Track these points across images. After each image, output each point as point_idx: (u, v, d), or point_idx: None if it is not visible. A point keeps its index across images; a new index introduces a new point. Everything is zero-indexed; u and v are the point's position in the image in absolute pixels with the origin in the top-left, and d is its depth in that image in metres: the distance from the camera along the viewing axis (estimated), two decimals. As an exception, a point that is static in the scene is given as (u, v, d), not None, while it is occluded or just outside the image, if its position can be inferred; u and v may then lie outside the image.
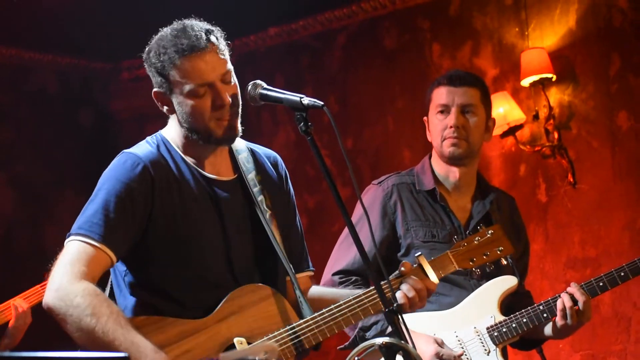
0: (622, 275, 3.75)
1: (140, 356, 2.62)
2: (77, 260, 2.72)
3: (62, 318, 2.68)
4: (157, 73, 2.87)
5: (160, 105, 2.93)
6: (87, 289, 2.68)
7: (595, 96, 5.91)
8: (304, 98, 2.72)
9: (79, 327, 2.65)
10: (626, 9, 5.83)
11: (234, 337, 2.80)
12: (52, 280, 2.71)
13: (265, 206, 3.00)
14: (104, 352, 2.60)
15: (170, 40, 2.84)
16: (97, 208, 2.78)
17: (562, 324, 3.66)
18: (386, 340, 2.58)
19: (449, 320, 3.71)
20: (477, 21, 6.34)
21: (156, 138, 2.97)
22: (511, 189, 6.10)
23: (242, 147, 3.08)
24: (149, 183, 2.83)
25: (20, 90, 6.99)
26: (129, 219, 2.79)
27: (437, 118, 3.85)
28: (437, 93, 3.87)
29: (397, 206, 3.84)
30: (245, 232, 2.96)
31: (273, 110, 6.83)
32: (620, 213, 5.77)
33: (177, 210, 2.85)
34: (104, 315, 2.65)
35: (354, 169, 2.78)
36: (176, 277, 2.85)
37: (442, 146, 3.84)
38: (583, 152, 5.92)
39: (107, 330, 2.63)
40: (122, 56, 7.18)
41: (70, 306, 2.66)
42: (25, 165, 6.90)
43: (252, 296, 2.87)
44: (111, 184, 2.82)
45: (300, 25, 6.95)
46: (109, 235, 2.75)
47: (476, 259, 3.15)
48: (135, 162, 2.84)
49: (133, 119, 7.19)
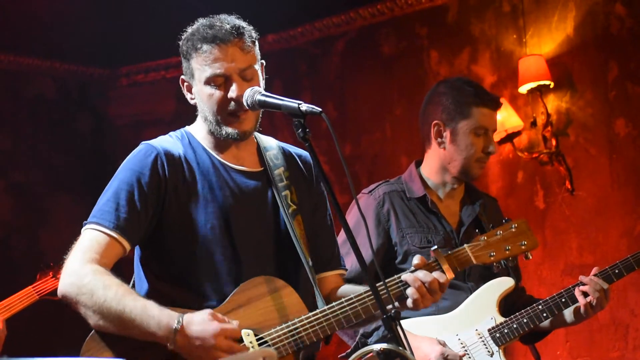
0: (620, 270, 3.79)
1: (149, 319, 2.65)
2: (89, 248, 2.77)
3: (76, 301, 2.72)
4: (184, 58, 2.95)
5: (185, 92, 2.99)
6: (98, 269, 2.72)
7: (593, 103, 5.91)
8: (302, 104, 2.73)
9: (91, 304, 2.68)
10: (624, 16, 5.84)
11: (242, 329, 2.79)
12: (65, 268, 2.76)
13: (289, 201, 3.02)
14: (105, 359, 2.63)
15: (199, 29, 2.91)
16: (110, 197, 2.83)
17: (587, 314, 3.75)
18: (384, 347, 2.58)
19: (450, 324, 3.72)
20: (475, 28, 6.35)
21: (180, 131, 3.04)
22: (509, 196, 6.11)
23: (271, 145, 3.13)
24: (161, 171, 2.86)
25: (18, 97, 6.99)
26: (140, 207, 2.82)
27: (472, 137, 3.85)
28: (481, 114, 3.85)
29: (390, 214, 3.85)
30: (266, 222, 2.98)
31: (271, 115, 6.81)
32: (618, 220, 5.77)
33: (190, 199, 2.88)
34: (113, 287, 2.69)
35: (351, 175, 2.78)
36: (189, 265, 2.86)
37: (471, 167, 3.86)
38: (581, 159, 5.93)
39: (117, 300, 2.67)
40: (120, 62, 7.17)
41: (81, 286, 2.70)
42: (22, 171, 6.89)
43: (262, 288, 2.87)
44: (124, 173, 2.87)
45: (298, 32, 6.96)
46: (120, 223, 2.79)
47: (496, 253, 3.07)
48: (148, 151, 2.89)
49: (131, 125, 7.19)
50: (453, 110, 3.86)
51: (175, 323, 2.65)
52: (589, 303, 3.72)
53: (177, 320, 2.65)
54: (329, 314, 2.86)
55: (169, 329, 2.65)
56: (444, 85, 3.96)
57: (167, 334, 2.65)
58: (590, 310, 3.73)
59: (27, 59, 6.97)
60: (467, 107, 3.84)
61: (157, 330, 2.66)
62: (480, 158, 3.86)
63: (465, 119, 3.84)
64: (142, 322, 2.66)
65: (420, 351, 3.53)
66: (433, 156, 3.94)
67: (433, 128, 3.90)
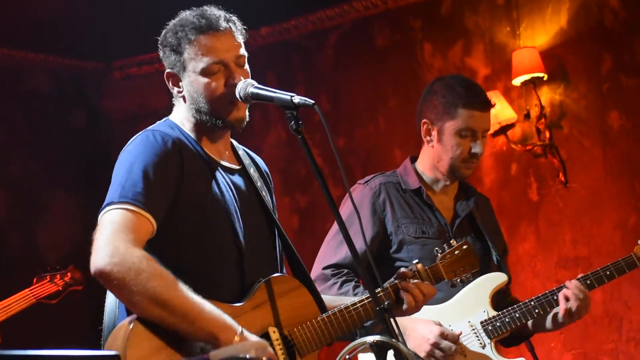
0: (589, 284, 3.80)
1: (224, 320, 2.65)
2: (126, 227, 2.67)
3: (121, 283, 2.60)
4: (171, 51, 2.91)
5: (171, 86, 2.97)
6: (146, 255, 2.64)
7: (587, 95, 5.92)
8: (295, 96, 2.73)
9: (144, 290, 2.59)
10: (617, 8, 5.84)
11: (269, 326, 2.82)
12: (104, 246, 2.63)
13: (266, 201, 3.04)
14: (100, 351, 2.59)
15: (188, 20, 2.90)
16: (138, 178, 2.74)
17: (564, 321, 3.75)
18: (377, 339, 2.58)
19: (443, 314, 3.74)
20: (468, 20, 6.35)
21: (166, 122, 2.99)
22: (502, 188, 6.12)
23: (237, 145, 3.13)
24: (179, 157, 2.84)
25: (12, 91, 6.97)
26: (166, 188, 2.78)
27: (458, 138, 3.85)
28: (467, 115, 3.84)
29: (386, 204, 3.86)
30: (256, 219, 2.99)
31: (264, 109, 6.83)
32: (612, 212, 5.79)
33: (202, 188, 2.86)
34: (171, 280, 2.63)
35: (345, 168, 2.79)
36: (200, 256, 2.84)
37: (458, 167, 3.87)
38: (574, 152, 5.94)
39: (179, 293, 2.62)
40: (114, 56, 7.17)
41: (132, 269, 2.59)
42: (17, 165, 6.88)
43: (283, 287, 2.91)
44: (146, 155, 2.79)
45: (292, 25, 6.95)
46: (151, 203, 2.72)
47: (457, 271, 3.22)
48: (164, 137, 2.85)
49: (125, 119, 7.18)
50: (441, 110, 3.88)
51: (237, 333, 2.63)
52: (569, 309, 3.72)
53: (239, 331, 2.64)
54: (345, 313, 2.93)
55: (233, 333, 2.63)
56: (438, 84, 3.97)
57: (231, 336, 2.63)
58: (567, 317, 3.73)
59: (21, 53, 6.95)
60: (454, 108, 3.85)
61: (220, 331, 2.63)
62: (465, 159, 3.86)
63: (451, 119, 3.85)
64: (208, 320, 2.62)
65: (418, 332, 3.57)
66: (426, 153, 3.97)
67: (423, 126, 3.93)
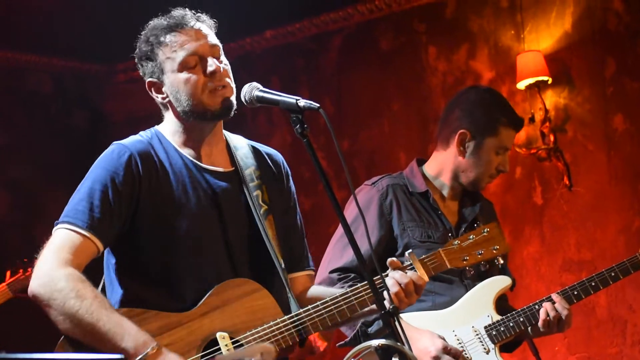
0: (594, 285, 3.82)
1: (124, 335, 2.62)
2: (61, 248, 2.72)
3: (47, 304, 2.67)
4: (146, 59, 2.93)
5: (155, 95, 2.95)
6: (72, 274, 2.68)
7: (591, 99, 5.91)
8: (300, 100, 2.72)
9: (63, 311, 2.64)
10: (621, 12, 5.84)
11: (217, 331, 2.78)
12: (37, 268, 2.71)
13: (260, 201, 2.99)
14: (104, 355, 2.59)
15: (156, 24, 2.92)
16: (83, 196, 2.79)
17: (544, 331, 3.77)
18: (382, 342, 2.57)
19: (446, 320, 3.73)
20: (473, 24, 6.34)
21: (149, 131, 2.99)
22: (507, 192, 6.11)
23: (241, 144, 3.09)
24: (135, 171, 2.83)
25: (15, 92, 6.97)
26: (114, 207, 2.78)
27: (494, 155, 3.89)
28: (507, 135, 3.90)
29: (393, 206, 3.85)
30: (239, 224, 2.95)
31: (269, 112, 6.82)
32: (616, 216, 5.78)
33: (165, 199, 2.85)
34: (88, 298, 2.65)
35: (349, 171, 2.76)
36: (164, 267, 2.83)
37: (482, 180, 3.92)
38: (579, 155, 5.93)
39: (91, 312, 2.63)
40: (117, 58, 7.16)
41: (55, 290, 2.65)
42: (18, 167, 6.88)
43: (237, 290, 2.86)
44: (97, 172, 2.83)
45: (296, 28, 6.95)
46: (94, 222, 2.75)
47: (469, 257, 3.09)
48: (121, 151, 2.85)
49: (127, 121, 7.17)
50: (483, 125, 3.87)
51: (149, 348, 2.61)
52: (548, 320, 3.72)
53: (152, 346, 2.62)
54: (304, 317, 2.85)
55: (145, 348, 2.61)
56: (476, 93, 3.99)
57: (139, 353, 2.61)
58: (548, 329, 3.75)
59: (24, 54, 6.96)
60: (497, 125, 3.87)
61: (131, 347, 2.62)
62: (493, 175, 3.93)
63: (492, 136, 3.87)
64: (115, 337, 2.62)
65: (421, 344, 3.55)
66: (446, 159, 3.94)
67: (458, 135, 3.90)
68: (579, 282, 3.82)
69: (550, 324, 3.72)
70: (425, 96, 6.46)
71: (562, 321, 3.73)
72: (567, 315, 3.73)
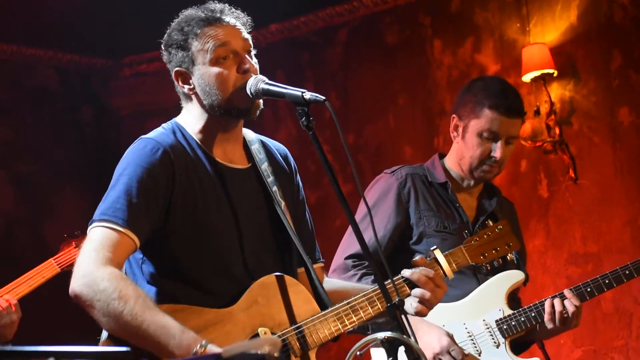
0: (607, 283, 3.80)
1: (169, 338, 2.60)
2: (101, 246, 2.70)
3: (90, 304, 2.65)
4: (178, 49, 2.90)
5: (181, 84, 2.94)
6: (113, 273, 2.66)
7: (597, 92, 5.91)
8: (306, 93, 2.72)
9: (107, 312, 2.63)
10: (627, 4, 5.83)
11: (258, 327, 2.80)
12: (78, 267, 2.69)
13: (279, 197, 3.01)
14: (110, 347, 2.61)
15: (193, 15, 2.90)
16: (120, 194, 2.76)
17: (550, 327, 3.74)
18: (388, 334, 2.58)
19: (458, 312, 3.74)
20: (478, 17, 6.34)
21: (171, 124, 2.97)
22: (512, 185, 6.11)
23: (253, 138, 3.09)
24: (170, 167, 2.82)
25: (21, 87, 6.98)
26: (151, 203, 2.78)
27: (479, 139, 3.85)
28: (490, 118, 3.82)
29: (411, 194, 3.87)
30: (259, 221, 2.96)
31: (275, 105, 6.82)
32: (622, 209, 5.77)
33: (196, 196, 2.85)
34: (132, 298, 2.63)
35: (354, 165, 2.77)
36: (195, 263, 2.83)
37: (475, 169, 3.88)
38: (584, 148, 5.92)
39: (135, 313, 2.61)
40: (123, 52, 7.16)
41: (97, 291, 2.63)
42: (25, 162, 6.88)
43: (274, 286, 2.87)
44: (132, 168, 2.80)
45: (301, 22, 6.94)
46: (132, 219, 2.73)
47: (487, 254, 3.15)
48: (155, 147, 2.83)
49: (134, 116, 7.18)
50: (470, 109, 3.87)
51: (197, 346, 2.60)
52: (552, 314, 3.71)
53: (200, 344, 2.60)
54: (341, 311, 2.87)
55: (189, 351, 2.60)
56: (476, 83, 3.98)
57: (186, 355, 2.60)
58: (554, 325, 3.72)
59: (30, 49, 6.95)
60: (480, 108, 3.84)
61: (176, 349, 2.61)
62: (483, 160, 3.85)
63: (476, 118, 3.85)
64: (159, 340, 2.61)
65: (428, 337, 3.56)
66: (454, 149, 3.98)
67: (452, 121, 3.94)
68: (592, 279, 3.78)
69: (554, 319, 3.71)
70: (430, 90, 6.46)
71: (568, 318, 3.72)
72: (574, 312, 3.71)
